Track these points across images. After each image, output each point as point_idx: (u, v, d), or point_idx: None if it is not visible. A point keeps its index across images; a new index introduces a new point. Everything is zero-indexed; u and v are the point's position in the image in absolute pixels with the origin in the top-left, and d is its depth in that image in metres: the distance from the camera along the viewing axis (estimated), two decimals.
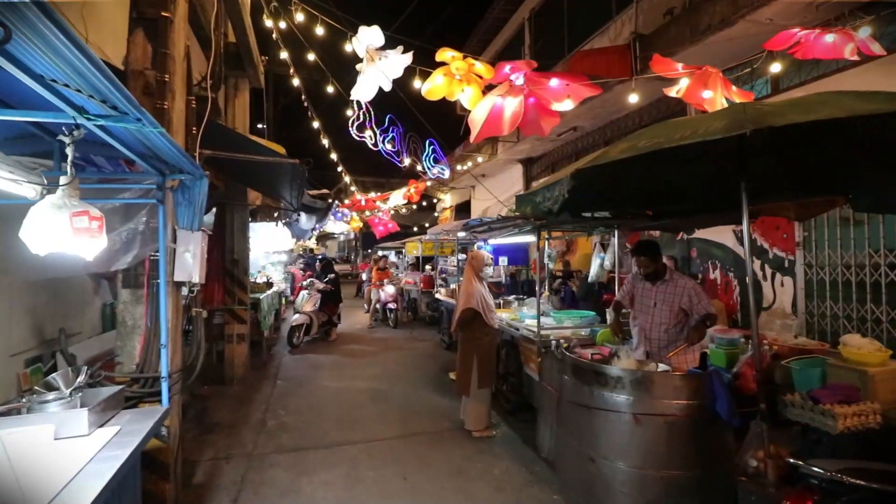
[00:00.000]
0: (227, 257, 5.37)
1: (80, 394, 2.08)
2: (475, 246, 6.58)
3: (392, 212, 12.93)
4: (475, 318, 4.08)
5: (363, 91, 4.17)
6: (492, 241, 5.80)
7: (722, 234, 5.84)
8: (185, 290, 2.79)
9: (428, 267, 10.73)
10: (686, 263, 6.35)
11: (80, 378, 2.13)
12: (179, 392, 2.68)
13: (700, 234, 5.94)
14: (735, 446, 2.68)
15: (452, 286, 7.63)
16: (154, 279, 2.50)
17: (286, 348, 7.65)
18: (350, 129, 6.65)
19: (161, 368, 2.32)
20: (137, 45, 2.60)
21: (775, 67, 3.95)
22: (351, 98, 4.35)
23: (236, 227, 5.43)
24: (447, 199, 15.85)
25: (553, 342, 3.60)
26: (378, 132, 6.75)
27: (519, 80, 4.20)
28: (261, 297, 6.64)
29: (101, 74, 1.29)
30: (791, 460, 2.18)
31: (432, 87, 4.15)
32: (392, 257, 14.62)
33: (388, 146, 7.03)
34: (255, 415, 4.58)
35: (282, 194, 4.75)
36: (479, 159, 10.03)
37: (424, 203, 14.05)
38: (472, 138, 4.44)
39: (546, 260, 4.35)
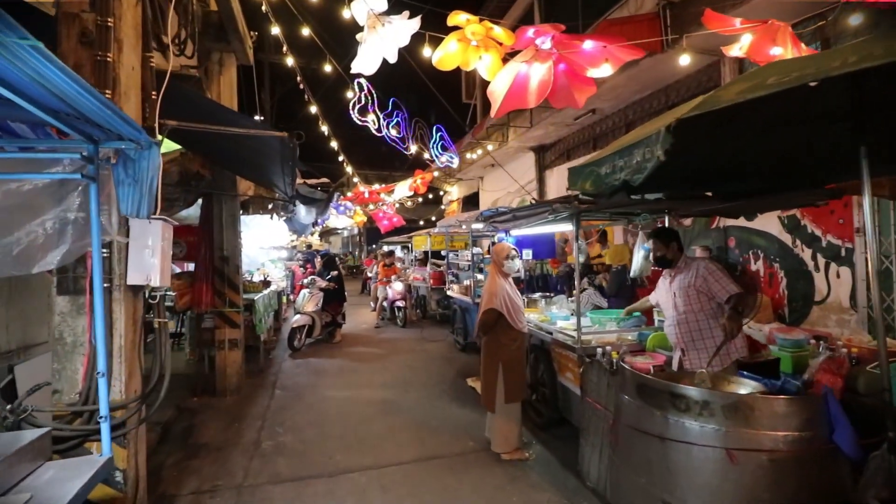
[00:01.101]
0: (215, 254, 4.77)
1: None
2: (496, 238, 5.98)
3: (397, 205, 12.33)
4: (499, 321, 3.49)
5: (365, 63, 3.60)
6: (514, 232, 5.19)
7: (765, 222, 5.24)
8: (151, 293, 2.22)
9: (442, 266, 10.13)
10: (723, 254, 5.76)
11: None
12: (139, 424, 2.11)
13: (738, 221, 5.35)
14: (851, 484, 2.13)
15: (466, 282, 7.04)
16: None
17: (286, 352, 7.11)
18: (351, 112, 6.07)
19: (100, 403, 1.74)
20: None
21: (855, 19, 3.33)
22: (352, 71, 3.78)
23: (225, 220, 4.83)
24: (454, 192, 15.26)
25: (598, 350, 3.01)
26: (381, 116, 6.17)
27: (546, 43, 3.60)
28: (255, 298, 6.06)
29: None
30: None
31: (444, 56, 3.57)
32: (398, 252, 14.00)
33: (393, 132, 6.45)
34: (249, 433, 4.01)
35: (272, 180, 4.15)
36: (490, 147, 9.38)
37: (430, 196, 13.47)
38: (492, 112, 3.84)
39: (577, 252, 3.76)
